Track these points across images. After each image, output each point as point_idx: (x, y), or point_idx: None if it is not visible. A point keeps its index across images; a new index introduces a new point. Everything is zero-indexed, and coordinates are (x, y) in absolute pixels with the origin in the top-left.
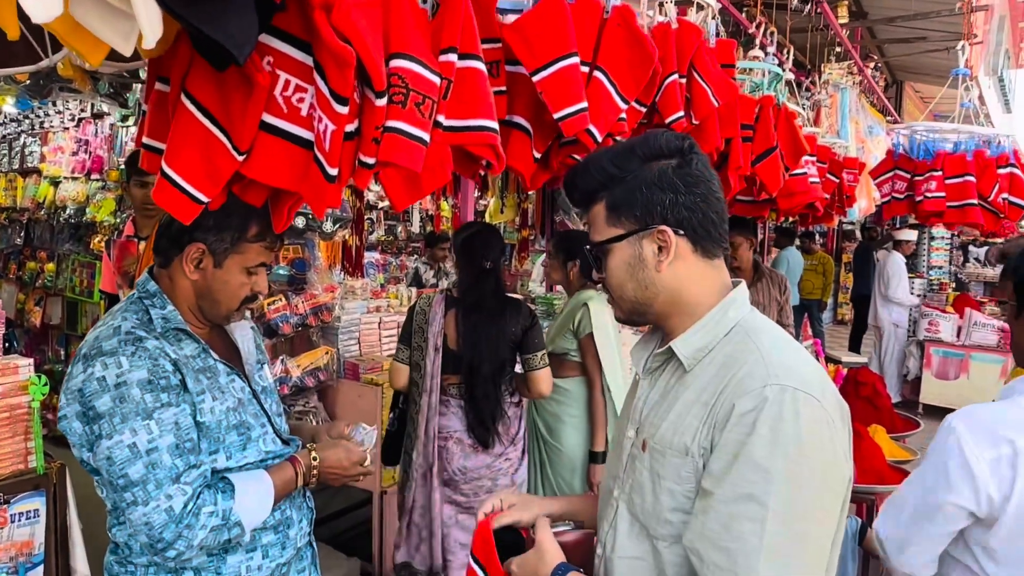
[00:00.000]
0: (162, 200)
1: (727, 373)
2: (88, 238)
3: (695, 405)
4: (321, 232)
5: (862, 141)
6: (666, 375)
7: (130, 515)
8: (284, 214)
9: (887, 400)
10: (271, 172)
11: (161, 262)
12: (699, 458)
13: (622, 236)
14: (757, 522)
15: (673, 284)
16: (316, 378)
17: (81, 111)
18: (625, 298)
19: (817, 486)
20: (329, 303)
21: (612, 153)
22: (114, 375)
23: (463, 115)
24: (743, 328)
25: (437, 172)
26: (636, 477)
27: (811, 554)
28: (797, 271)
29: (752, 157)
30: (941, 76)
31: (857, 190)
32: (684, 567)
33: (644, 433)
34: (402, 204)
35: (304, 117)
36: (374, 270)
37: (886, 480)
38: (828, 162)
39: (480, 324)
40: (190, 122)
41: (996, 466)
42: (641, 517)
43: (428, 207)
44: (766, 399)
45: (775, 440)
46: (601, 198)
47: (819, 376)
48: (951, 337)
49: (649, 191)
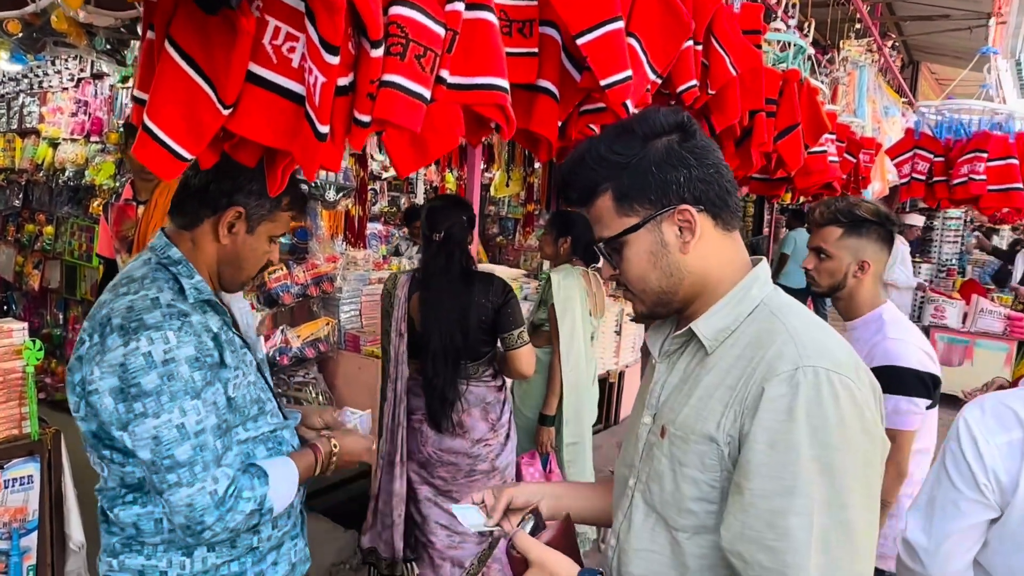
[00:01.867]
0: (143, 156)
1: (754, 354)
2: (87, 201)
3: (719, 389)
4: (324, 201)
5: (878, 121)
6: (685, 358)
7: (170, 496)
8: (278, 176)
9: None
10: (258, 128)
11: (185, 223)
12: (724, 445)
13: (639, 224)
14: (804, 516)
15: (700, 265)
16: (316, 349)
17: (80, 71)
18: (649, 290)
19: (860, 471)
20: (330, 273)
21: (607, 140)
22: (161, 351)
23: (470, 72)
24: (767, 307)
25: (445, 136)
26: (654, 466)
27: (860, 541)
28: (804, 253)
29: (775, 133)
30: (959, 57)
31: (872, 171)
32: (707, 559)
33: (663, 419)
34: (407, 169)
35: (295, 69)
36: (377, 241)
37: None
38: (846, 141)
39: (432, 300)
40: (174, 72)
41: (1008, 451)
42: (659, 508)
43: (433, 178)
44: (799, 383)
45: (814, 427)
46: (605, 190)
47: (851, 355)
48: (956, 323)
49: (661, 171)
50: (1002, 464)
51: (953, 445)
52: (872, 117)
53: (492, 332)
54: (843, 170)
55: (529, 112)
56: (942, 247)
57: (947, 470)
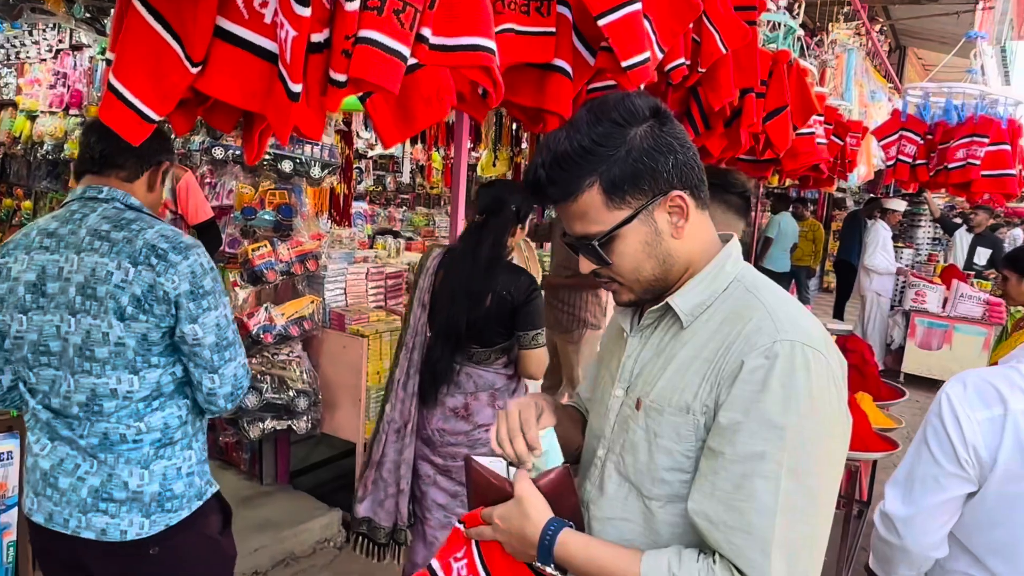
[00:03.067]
0: (109, 118)
1: (731, 329)
2: (66, 176)
3: (695, 362)
4: (308, 178)
5: (865, 105)
6: (659, 332)
7: (224, 369)
8: (255, 141)
9: (874, 368)
10: (228, 88)
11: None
12: (700, 416)
13: (632, 216)
14: (771, 480)
15: (689, 247)
16: (301, 327)
17: (59, 42)
18: (642, 279)
19: (827, 441)
20: (315, 251)
21: (586, 132)
22: (207, 262)
23: (454, 31)
24: (742, 283)
25: (434, 104)
26: (629, 437)
27: (822, 509)
28: (790, 238)
29: (764, 114)
30: (946, 42)
31: (858, 155)
32: (679, 527)
33: (637, 392)
34: (392, 140)
35: (267, 25)
36: (362, 220)
37: (871, 448)
38: (834, 124)
39: (450, 279)
40: (141, 28)
41: (988, 426)
42: (633, 477)
43: (419, 157)
44: (777, 355)
45: (787, 397)
46: (591, 184)
47: (822, 331)
48: (936, 308)
49: (651, 158)
50: (982, 440)
51: (935, 420)
52: (859, 101)
53: (508, 326)
54: (830, 152)
55: (542, 90)
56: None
57: (928, 445)
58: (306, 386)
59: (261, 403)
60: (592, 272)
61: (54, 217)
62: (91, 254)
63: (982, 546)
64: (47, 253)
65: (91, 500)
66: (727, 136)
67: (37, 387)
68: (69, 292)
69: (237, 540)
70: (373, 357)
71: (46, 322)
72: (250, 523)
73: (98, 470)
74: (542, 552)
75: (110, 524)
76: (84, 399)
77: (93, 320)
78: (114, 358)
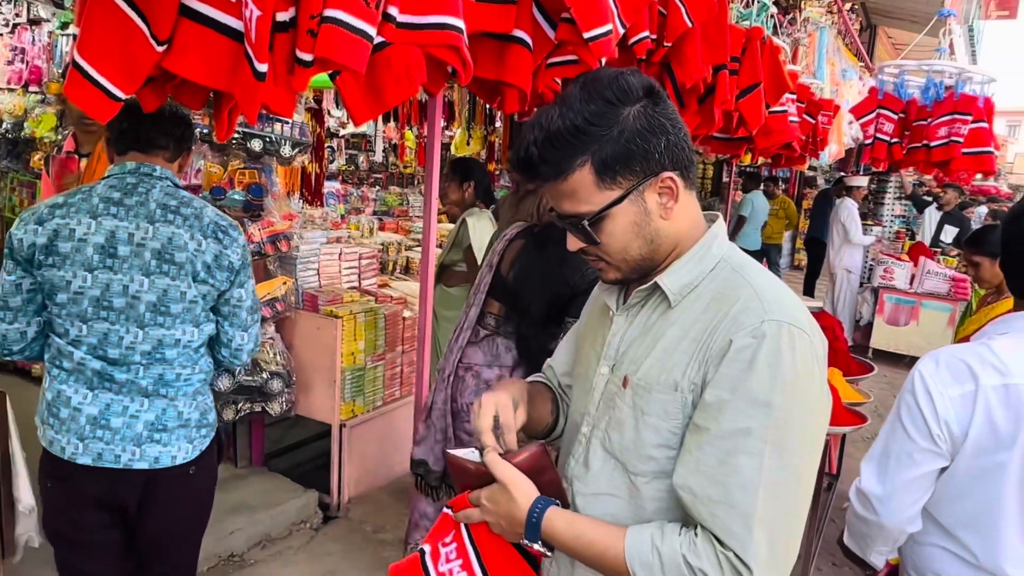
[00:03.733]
0: (75, 96)
1: (719, 309)
2: (27, 155)
3: (683, 341)
4: (279, 157)
5: (836, 84)
6: (646, 311)
7: (252, 328)
8: (224, 119)
9: (844, 344)
10: (194, 66)
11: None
12: (688, 394)
13: (623, 196)
14: (755, 456)
15: (676, 228)
16: (273, 309)
17: (16, 16)
18: (629, 259)
19: (810, 421)
20: (287, 231)
21: (579, 110)
22: (245, 239)
23: (421, 10)
24: (728, 264)
25: (403, 81)
26: (615, 414)
27: (803, 485)
28: (762, 216)
29: (737, 91)
30: (916, 21)
31: (829, 134)
32: (664, 502)
33: (623, 370)
34: (362, 117)
35: (233, 3)
36: (334, 200)
37: (841, 422)
38: (806, 102)
39: (535, 260)
40: (105, 5)
41: (960, 402)
42: (619, 454)
43: (392, 136)
44: (764, 335)
45: (773, 376)
46: (582, 164)
47: (806, 313)
48: (904, 284)
49: (644, 140)
50: (954, 415)
51: (908, 397)
52: (830, 79)
53: (563, 311)
54: (802, 131)
55: (502, 62)
56: (893, 209)
57: (902, 421)
58: (280, 368)
59: (234, 385)
60: (579, 250)
61: (112, 187)
62: (166, 225)
63: (953, 519)
64: (115, 220)
65: (146, 433)
66: (701, 113)
67: (84, 339)
68: (144, 256)
69: (212, 523)
70: (348, 338)
71: (115, 280)
72: (224, 506)
73: (151, 407)
74: (530, 530)
75: (163, 452)
76: (149, 348)
77: (172, 281)
78: (184, 313)
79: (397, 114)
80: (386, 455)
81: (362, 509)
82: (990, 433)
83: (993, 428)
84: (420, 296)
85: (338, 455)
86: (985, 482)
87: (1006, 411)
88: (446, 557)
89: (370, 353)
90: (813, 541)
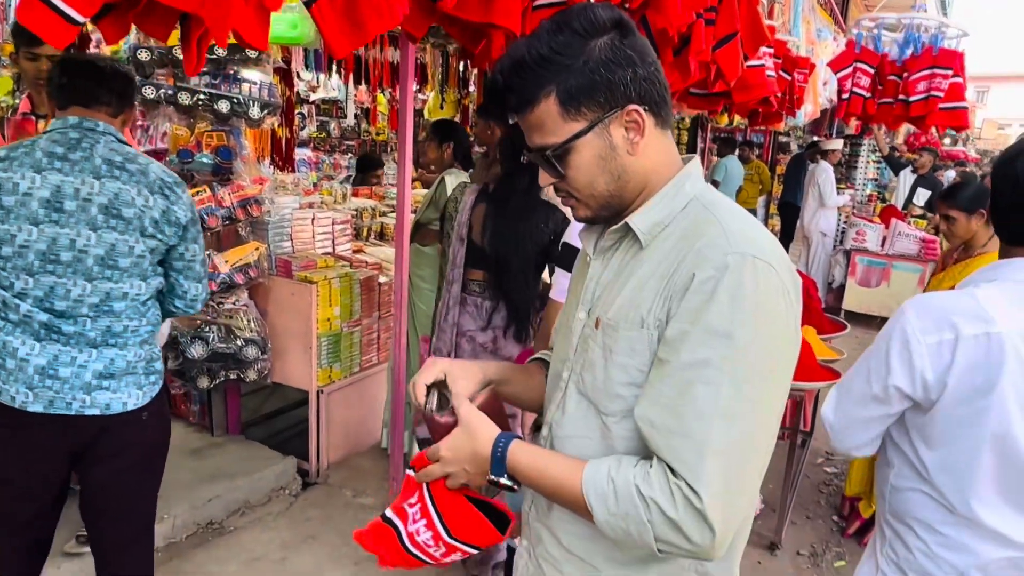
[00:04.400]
0: (28, 20)
1: (686, 245)
2: None
3: (651, 279)
4: (247, 119)
5: (812, 43)
6: (620, 253)
7: (204, 279)
8: (194, 50)
9: (818, 303)
10: None
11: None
12: (654, 330)
13: (588, 128)
14: (712, 386)
15: (644, 165)
16: (246, 275)
17: None
18: (596, 195)
19: (771, 353)
20: (258, 196)
21: (546, 41)
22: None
23: None
24: (700, 202)
25: (383, 10)
26: (587, 356)
27: (762, 418)
28: (736, 180)
29: (713, 42)
30: None
31: (805, 92)
32: (633, 441)
33: (596, 312)
34: (342, 48)
35: None
36: (306, 167)
37: (815, 378)
38: (783, 58)
39: (505, 221)
40: None
41: (936, 350)
42: (591, 395)
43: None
44: (727, 267)
45: (733, 307)
46: (548, 94)
47: (776, 247)
48: (875, 246)
49: (608, 70)
50: (930, 363)
51: (883, 343)
52: (806, 38)
53: (542, 256)
54: (779, 87)
55: (490, 3)
56: (866, 172)
57: (869, 364)
58: (254, 335)
59: (208, 352)
60: (552, 185)
61: (55, 142)
62: (112, 181)
63: (933, 464)
64: (60, 174)
65: (95, 381)
66: (676, 66)
67: (30, 291)
68: (90, 211)
69: (189, 492)
70: (323, 304)
71: (61, 234)
72: (202, 474)
73: (99, 357)
74: (495, 465)
75: (113, 399)
76: (97, 300)
77: (120, 236)
78: (133, 267)
79: (368, 76)
80: (365, 420)
81: (341, 474)
82: (970, 381)
83: (972, 376)
84: (396, 261)
85: (316, 421)
86: (964, 429)
87: (987, 359)
88: (412, 517)
89: (346, 319)
90: (787, 496)
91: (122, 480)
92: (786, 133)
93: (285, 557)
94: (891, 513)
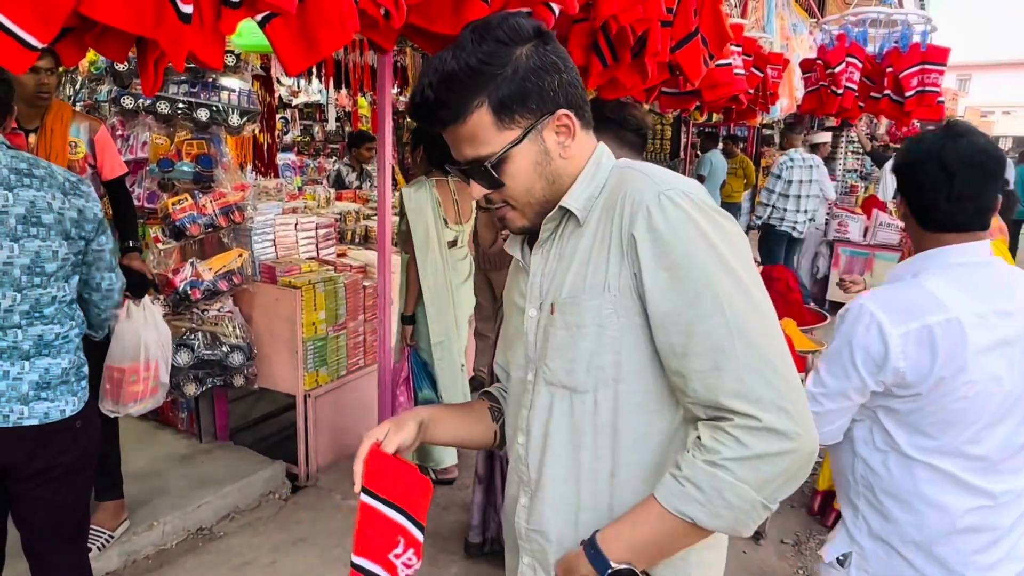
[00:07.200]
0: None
1: (616, 201)
2: None
3: (595, 246)
4: (227, 126)
5: (787, 39)
6: (560, 241)
7: (117, 269)
8: (151, 71)
9: (798, 295)
10: (115, 10)
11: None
12: (622, 292)
13: (522, 136)
14: (715, 316)
15: (574, 166)
16: (230, 281)
17: None
18: (533, 202)
19: (744, 259)
20: (240, 202)
21: (472, 51)
22: None
23: None
24: (619, 168)
25: (336, 28)
26: (551, 343)
27: (769, 317)
28: (720, 175)
29: (672, 43)
30: None
31: (779, 87)
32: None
33: (549, 300)
34: (295, 67)
35: None
36: (291, 172)
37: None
38: (753, 55)
39: None
40: None
41: (905, 340)
42: (565, 380)
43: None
44: (664, 205)
45: (688, 239)
46: (478, 105)
47: (697, 185)
48: (858, 237)
49: (539, 77)
50: (902, 351)
51: (845, 337)
52: (780, 34)
53: None
54: (750, 84)
55: (459, 16)
56: (846, 164)
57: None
58: (239, 341)
59: (194, 360)
60: (484, 197)
61: None
62: (25, 189)
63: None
64: None
65: (32, 392)
66: (635, 68)
67: None
68: (8, 223)
69: (178, 498)
70: (308, 308)
71: None
72: (191, 480)
73: (32, 368)
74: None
75: (51, 407)
76: (28, 308)
77: (43, 242)
78: (59, 271)
79: (349, 80)
80: (353, 423)
81: (331, 477)
82: (942, 364)
83: (947, 359)
84: (379, 264)
85: (304, 425)
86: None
87: (955, 342)
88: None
89: (331, 322)
90: None
91: (54, 488)
92: (770, 126)
93: (275, 560)
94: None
